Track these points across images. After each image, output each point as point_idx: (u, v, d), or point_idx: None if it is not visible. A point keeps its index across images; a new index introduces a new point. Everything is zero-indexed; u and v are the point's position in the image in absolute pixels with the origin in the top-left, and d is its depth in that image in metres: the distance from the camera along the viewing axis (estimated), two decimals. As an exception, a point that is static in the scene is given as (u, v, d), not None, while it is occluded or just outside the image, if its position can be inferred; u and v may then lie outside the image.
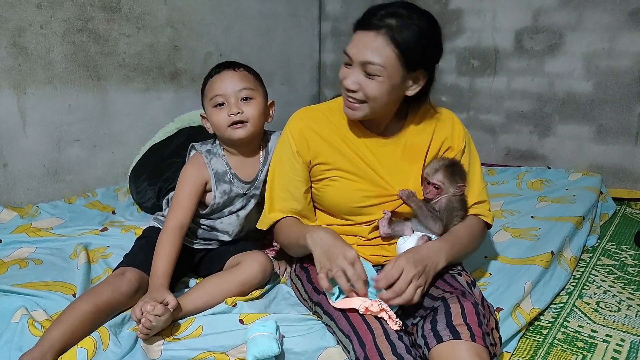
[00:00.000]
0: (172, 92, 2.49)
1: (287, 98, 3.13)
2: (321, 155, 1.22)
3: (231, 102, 1.32)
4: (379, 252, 1.25)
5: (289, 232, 1.22)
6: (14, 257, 1.53)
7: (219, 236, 1.44)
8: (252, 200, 1.42)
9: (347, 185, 1.20)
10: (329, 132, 1.22)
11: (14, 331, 1.09)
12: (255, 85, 1.37)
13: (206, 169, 1.37)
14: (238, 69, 1.36)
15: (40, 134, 2.05)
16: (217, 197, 1.37)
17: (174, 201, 1.33)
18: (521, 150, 2.88)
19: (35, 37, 1.97)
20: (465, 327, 0.93)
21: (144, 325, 1.03)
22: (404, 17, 1.04)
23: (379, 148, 1.21)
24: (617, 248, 1.89)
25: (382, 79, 1.06)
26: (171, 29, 2.44)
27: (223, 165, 1.38)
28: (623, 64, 2.47)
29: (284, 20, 3.10)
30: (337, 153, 1.21)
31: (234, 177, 1.39)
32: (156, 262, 1.21)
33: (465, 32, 2.95)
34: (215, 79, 1.34)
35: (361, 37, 1.07)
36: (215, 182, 1.37)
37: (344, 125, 1.23)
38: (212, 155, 1.39)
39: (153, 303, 1.06)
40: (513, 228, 1.81)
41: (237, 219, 1.42)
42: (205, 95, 1.37)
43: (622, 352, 1.22)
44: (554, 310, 1.43)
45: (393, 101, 1.15)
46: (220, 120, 1.32)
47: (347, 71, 1.11)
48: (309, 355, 1.06)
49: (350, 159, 1.20)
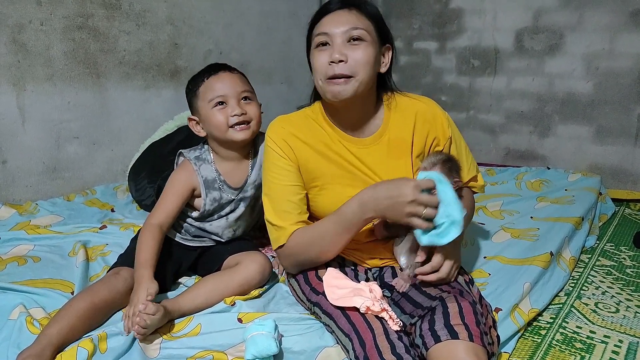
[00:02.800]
0: (172, 89, 2.48)
1: (286, 97, 3.13)
2: (308, 161, 1.18)
3: (233, 102, 1.31)
4: (376, 255, 1.25)
5: (312, 231, 1.15)
6: (12, 254, 1.53)
7: (211, 236, 1.44)
8: (241, 203, 1.42)
9: (338, 192, 1.17)
10: (312, 138, 1.19)
11: (12, 329, 1.10)
12: (251, 88, 1.38)
13: (195, 176, 1.36)
14: (234, 72, 1.36)
15: (39, 131, 2.04)
16: (207, 205, 1.37)
17: (159, 201, 1.34)
18: (521, 150, 2.88)
19: (35, 34, 1.96)
20: (463, 327, 0.93)
21: (140, 325, 1.03)
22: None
23: (361, 150, 1.19)
24: (616, 249, 1.89)
25: (367, 43, 1.10)
26: (171, 27, 2.44)
27: (212, 172, 1.37)
28: (623, 65, 2.47)
29: (284, 18, 3.10)
30: (324, 159, 1.18)
31: (224, 184, 1.38)
32: (138, 254, 1.21)
33: (465, 31, 2.95)
34: (213, 80, 1.33)
35: (334, 16, 1.11)
36: (205, 189, 1.36)
37: (322, 132, 1.20)
38: (201, 161, 1.38)
39: (144, 302, 1.06)
40: (512, 228, 1.81)
41: (227, 221, 1.42)
42: (200, 97, 1.34)
43: (620, 353, 1.22)
44: (552, 310, 1.43)
45: (371, 77, 1.13)
46: (222, 122, 1.31)
47: (325, 51, 1.10)
48: (308, 355, 1.06)
49: (339, 164, 1.18)
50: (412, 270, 1.14)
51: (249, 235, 1.56)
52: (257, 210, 1.48)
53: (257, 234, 1.68)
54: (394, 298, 1.13)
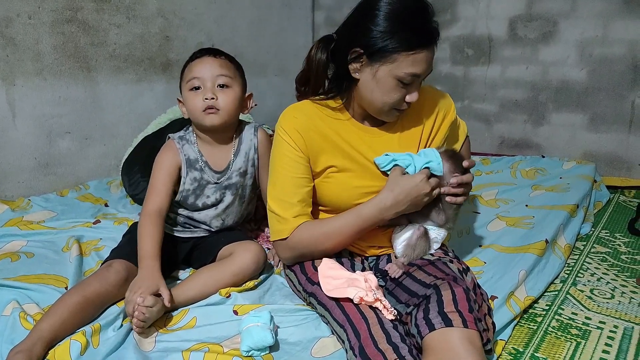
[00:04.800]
0: (164, 83, 2.46)
1: (281, 89, 3.11)
2: (319, 152, 1.17)
3: (207, 86, 1.30)
4: (374, 243, 1.25)
5: (325, 228, 1.15)
6: (5, 250, 1.52)
7: (201, 226, 1.43)
8: (227, 192, 1.41)
9: (346, 182, 1.17)
10: (325, 127, 1.18)
11: (5, 325, 1.09)
12: (234, 74, 1.35)
13: (179, 154, 1.35)
14: (219, 56, 1.35)
15: (30, 126, 2.02)
16: (187, 184, 1.36)
17: (149, 187, 1.32)
18: (515, 139, 2.88)
19: (23, 28, 1.93)
20: (457, 314, 0.93)
21: (138, 319, 1.03)
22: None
23: (374, 139, 1.19)
24: (611, 236, 1.89)
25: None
26: (162, 19, 2.41)
27: (195, 153, 1.37)
28: (617, 52, 2.47)
29: (277, 10, 3.07)
30: (335, 149, 1.17)
31: (205, 164, 1.37)
32: (141, 244, 1.20)
33: (459, 20, 2.93)
34: (195, 62, 1.33)
35: (428, 53, 1.07)
36: (187, 168, 1.36)
37: (335, 120, 1.19)
38: (184, 141, 1.38)
39: (142, 295, 1.05)
40: (507, 217, 1.81)
41: (216, 211, 1.41)
42: (183, 78, 1.36)
43: (615, 338, 1.23)
44: (548, 298, 1.43)
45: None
46: (196, 105, 1.31)
47: (407, 88, 1.10)
48: (304, 345, 1.06)
49: (349, 154, 1.17)
50: (406, 260, 1.15)
51: (242, 227, 1.55)
52: (246, 200, 1.48)
53: (252, 227, 1.68)
54: (389, 287, 1.13)
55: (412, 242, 1.16)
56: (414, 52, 1.05)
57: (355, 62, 1.10)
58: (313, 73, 1.19)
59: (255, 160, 1.44)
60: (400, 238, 1.18)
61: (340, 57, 1.13)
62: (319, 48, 1.17)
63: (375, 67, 1.08)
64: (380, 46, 1.05)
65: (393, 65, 1.06)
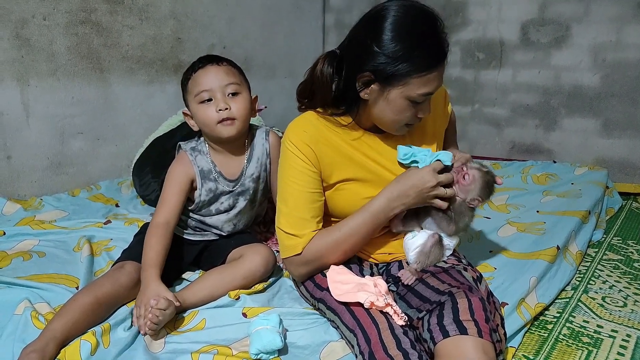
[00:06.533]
0: (176, 84, 2.47)
1: (291, 91, 3.09)
2: (331, 164, 1.15)
3: (218, 97, 1.28)
4: (386, 250, 1.24)
5: (338, 232, 1.13)
6: (17, 249, 1.53)
7: (212, 230, 1.43)
8: (240, 198, 1.41)
9: (359, 192, 1.15)
10: (336, 139, 1.15)
11: (17, 324, 1.10)
12: (240, 80, 1.34)
13: (192, 166, 1.35)
14: (222, 63, 1.32)
15: (43, 126, 2.04)
16: (203, 195, 1.37)
17: (161, 198, 1.32)
18: (526, 144, 2.86)
19: (38, 29, 1.96)
20: (472, 323, 0.92)
21: (152, 321, 1.03)
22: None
23: (381, 144, 1.18)
24: (623, 243, 1.87)
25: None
26: (174, 21, 2.43)
27: (208, 163, 1.37)
28: (630, 57, 2.44)
29: (287, 12, 3.08)
30: (346, 159, 1.15)
31: (219, 175, 1.37)
32: (145, 254, 1.21)
33: (470, 24, 2.92)
34: (199, 74, 1.29)
35: (440, 69, 1.06)
36: (201, 179, 1.35)
37: (341, 129, 1.16)
38: (196, 152, 1.37)
39: (156, 297, 1.05)
40: (518, 222, 1.80)
41: (228, 216, 1.41)
42: (188, 91, 1.32)
43: (628, 347, 1.21)
44: (559, 305, 1.42)
45: None
46: (210, 117, 1.28)
47: (420, 106, 1.09)
48: (312, 349, 1.05)
49: (360, 163, 1.16)
50: (419, 266, 1.13)
51: (251, 230, 1.55)
52: (257, 204, 1.48)
53: (260, 229, 1.68)
54: (400, 292, 1.12)
55: (426, 249, 1.14)
56: (426, 73, 1.03)
57: (366, 86, 1.07)
58: (318, 88, 1.15)
59: (267, 164, 1.44)
60: (413, 245, 1.17)
61: (347, 78, 1.09)
62: (324, 64, 1.12)
63: (387, 90, 1.05)
64: (392, 72, 1.01)
65: (405, 88, 1.03)
